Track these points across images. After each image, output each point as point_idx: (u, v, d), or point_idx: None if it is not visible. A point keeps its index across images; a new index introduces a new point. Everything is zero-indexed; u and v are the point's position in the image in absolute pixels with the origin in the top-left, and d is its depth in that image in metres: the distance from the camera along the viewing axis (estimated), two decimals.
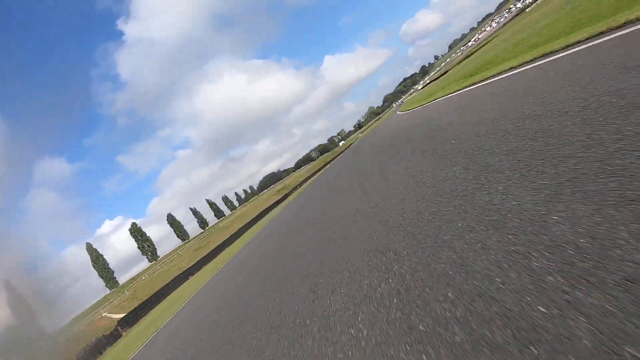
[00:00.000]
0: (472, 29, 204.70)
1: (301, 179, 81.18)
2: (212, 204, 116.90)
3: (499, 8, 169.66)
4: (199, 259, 41.94)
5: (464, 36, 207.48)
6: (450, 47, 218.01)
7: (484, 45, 43.20)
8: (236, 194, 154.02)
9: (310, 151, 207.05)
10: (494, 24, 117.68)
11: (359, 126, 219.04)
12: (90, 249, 60.15)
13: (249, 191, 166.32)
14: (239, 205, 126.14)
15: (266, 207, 57.85)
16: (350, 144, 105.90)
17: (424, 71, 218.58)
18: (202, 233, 65.22)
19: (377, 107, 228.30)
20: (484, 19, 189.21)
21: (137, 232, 70.46)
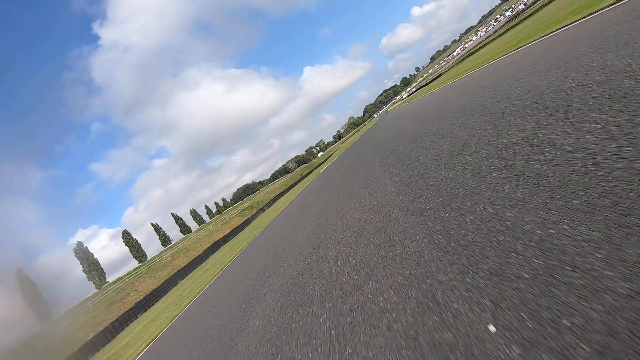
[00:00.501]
0: (455, 41, 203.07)
1: (272, 195, 70.25)
2: (177, 219, 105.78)
3: (482, 21, 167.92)
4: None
5: (446, 47, 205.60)
6: (432, 59, 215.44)
7: (486, 43, 34.96)
8: (206, 207, 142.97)
9: (287, 162, 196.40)
10: (480, 34, 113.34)
11: (338, 137, 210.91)
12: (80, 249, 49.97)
13: (222, 204, 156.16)
14: (211, 218, 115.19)
15: (220, 237, 45.77)
16: (330, 156, 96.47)
17: (406, 82, 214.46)
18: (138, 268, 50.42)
19: (358, 117, 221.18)
20: (467, 31, 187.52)
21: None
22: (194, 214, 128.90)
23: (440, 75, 58.83)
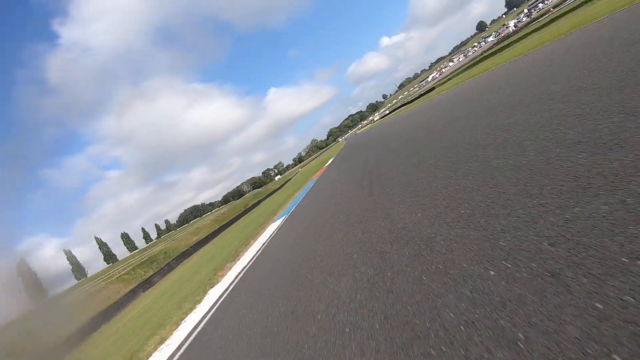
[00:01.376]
0: (424, 70, 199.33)
1: (196, 238, 50.16)
2: (101, 245, 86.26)
3: (454, 51, 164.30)
4: None
5: (417, 75, 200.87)
6: (401, 86, 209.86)
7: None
8: (144, 230, 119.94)
9: (242, 184, 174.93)
10: (457, 60, 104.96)
11: (299, 160, 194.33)
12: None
13: (163, 227, 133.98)
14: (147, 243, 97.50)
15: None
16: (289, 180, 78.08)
17: (374, 107, 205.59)
18: None
19: (321, 140, 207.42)
20: (437, 61, 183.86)
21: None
22: (126, 238, 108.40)
23: (434, 88, 44.39)
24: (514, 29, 65.42)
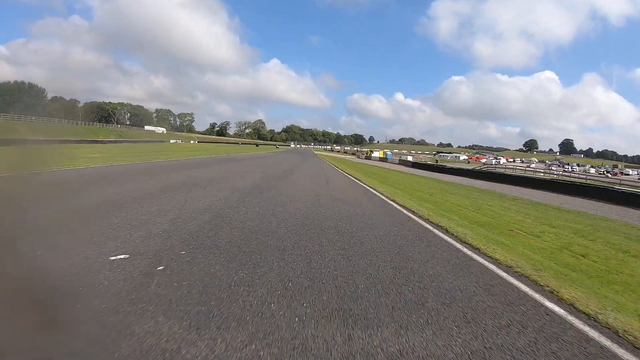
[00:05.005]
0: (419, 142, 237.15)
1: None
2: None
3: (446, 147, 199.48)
4: None
5: (410, 140, 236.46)
6: (391, 141, 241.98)
7: None
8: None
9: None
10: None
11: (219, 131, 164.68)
12: None
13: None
14: None
15: None
16: None
17: (359, 140, 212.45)
18: None
19: (270, 130, 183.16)
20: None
21: None
22: None
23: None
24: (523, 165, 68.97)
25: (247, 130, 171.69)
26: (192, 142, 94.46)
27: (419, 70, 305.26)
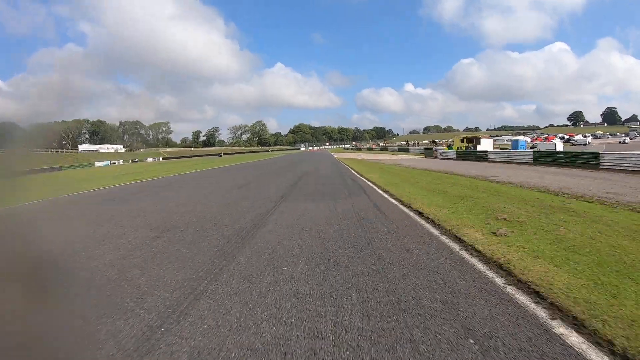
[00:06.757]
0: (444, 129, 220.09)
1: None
2: None
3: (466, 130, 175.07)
4: None
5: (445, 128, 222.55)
6: (411, 132, 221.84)
7: None
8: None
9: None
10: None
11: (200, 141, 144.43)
12: None
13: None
14: None
15: None
16: None
17: (381, 133, 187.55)
18: None
19: (273, 134, 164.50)
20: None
21: None
22: None
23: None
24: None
25: (244, 136, 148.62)
26: (149, 159, 74.58)
27: (427, 56, 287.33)
